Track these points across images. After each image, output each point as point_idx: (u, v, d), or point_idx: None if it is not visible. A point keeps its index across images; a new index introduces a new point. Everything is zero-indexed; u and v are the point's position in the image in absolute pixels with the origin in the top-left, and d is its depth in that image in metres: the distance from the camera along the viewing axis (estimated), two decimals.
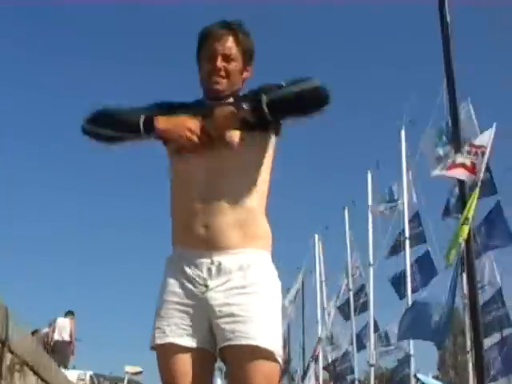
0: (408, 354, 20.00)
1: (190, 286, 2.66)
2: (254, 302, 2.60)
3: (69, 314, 17.27)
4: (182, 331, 2.63)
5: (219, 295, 2.61)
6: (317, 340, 25.33)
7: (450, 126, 11.94)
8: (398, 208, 21.77)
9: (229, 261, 2.64)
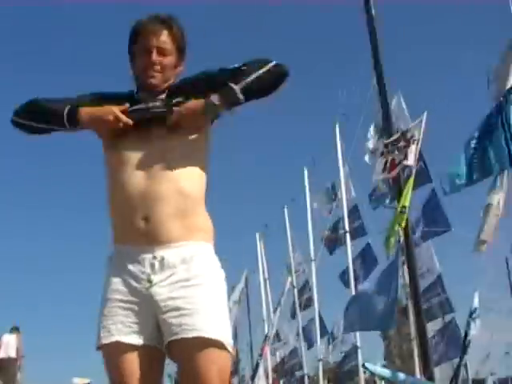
0: (355, 346, 20.24)
1: (134, 283, 2.63)
2: (199, 294, 2.59)
3: (14, 330, 16.86)
4: (127, 329, 2.60)
5: (163, 290, 2.59)
6: (264, 338, 25.34)
7: (382, 121, 12.16)
8: (336, 202, 21.95)
9: (171, 255, 2.62)
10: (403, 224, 9.43)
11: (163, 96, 2.78)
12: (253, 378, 22.14)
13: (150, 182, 2.63)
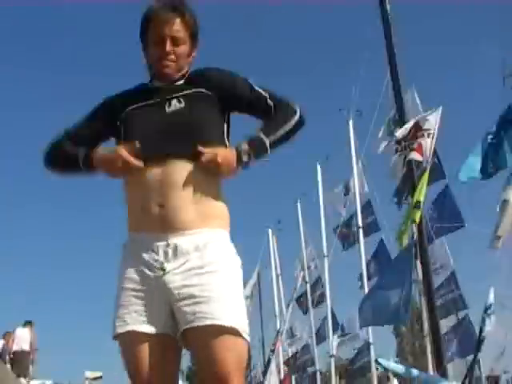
0: (368, 342, 20.19)
1: (147, 271, 2.60)
2: (214, 282, 2.55)
3: (27, 323, 16.99)
4: (142, 318, 2.58)
5: (177, 277, 2.56)
6: (276, 334, 25.33)
7: (396, 113, 12.10)
8: (349, 198, 21.90)
9: (185, 242, 2.58)
10: (417, 219, 9.37)
11: (180, 83, 2.76)
12: (264, 373, 22.16)
13: (167, 169, 2.59)
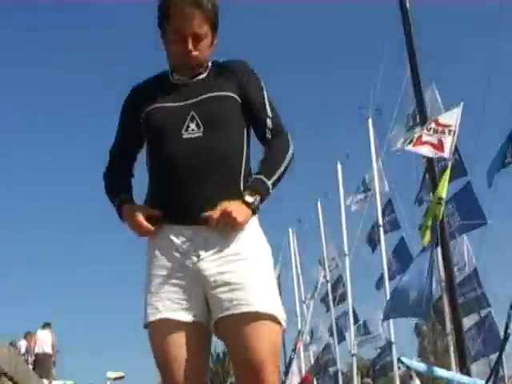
0: (389, 342, 20.09)
1: (180, 258, 2.56)
2: (249, 268, 2.53)
3: (46, 326, 17.07)
4: (176, 305, 2.53)
5: (211, 264, 2.53)
6: (297, 334, 25.29)
7: (416, 108, 12.00)
8: (369, 197, 21.84)
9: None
10: (440, 216, 9.27)
11: (203, 76, 2.72)
12: (286, 373, 22.08)
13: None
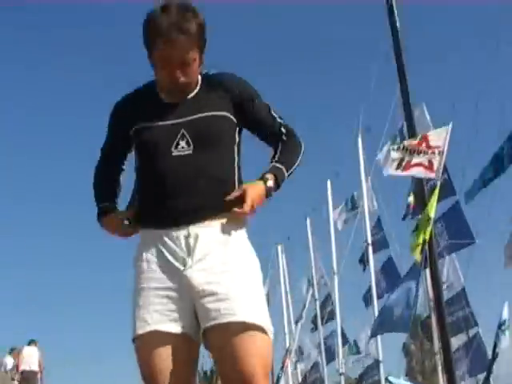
0: (377, 360, 20.04)
1: (168, 267, 2.55)
2: (235, 279, 2.52)
3: (32, 342, 16.93)
4: (164, 317, 2.51)
5: (199, 274, 2.52)
6: (285, 352, 25.21)
7: (405, 126, 12.06)
8: (358, 215, 21.86)
9: (207, 235, 2.55)
10: (427, 236, 9.31)
11: (194, 93, 2.66)
12: None
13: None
